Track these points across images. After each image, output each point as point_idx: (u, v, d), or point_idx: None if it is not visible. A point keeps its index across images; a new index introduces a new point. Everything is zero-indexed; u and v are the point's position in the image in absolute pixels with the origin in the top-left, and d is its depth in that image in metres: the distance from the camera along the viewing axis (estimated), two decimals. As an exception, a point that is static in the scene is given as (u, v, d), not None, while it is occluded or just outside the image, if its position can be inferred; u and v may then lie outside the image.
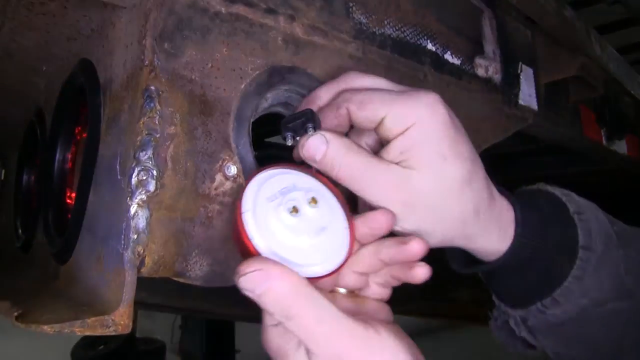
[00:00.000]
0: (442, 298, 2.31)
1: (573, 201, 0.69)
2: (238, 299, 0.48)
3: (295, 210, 0.51)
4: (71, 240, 0.65)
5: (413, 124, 0.55)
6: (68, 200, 0.79)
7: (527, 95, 1.18)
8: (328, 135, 0.55)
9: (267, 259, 0.48)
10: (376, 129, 0.57)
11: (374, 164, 0.55)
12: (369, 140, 0.62)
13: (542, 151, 1.91)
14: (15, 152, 1.18)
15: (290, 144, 0.56)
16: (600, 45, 1.32)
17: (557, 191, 0.70)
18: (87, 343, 3.27)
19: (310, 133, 0.55)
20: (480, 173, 0.60)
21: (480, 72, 1.01)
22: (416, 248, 0.54)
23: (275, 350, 0.51)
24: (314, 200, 0.52)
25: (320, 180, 0.55)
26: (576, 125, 1.43)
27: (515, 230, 0.64)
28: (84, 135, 0.81)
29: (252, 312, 0.51)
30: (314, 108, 0.59)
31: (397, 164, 0.55)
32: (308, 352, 0.48)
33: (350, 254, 0.53)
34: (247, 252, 0.50)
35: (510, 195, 0.67)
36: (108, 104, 0.62)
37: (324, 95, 0.60)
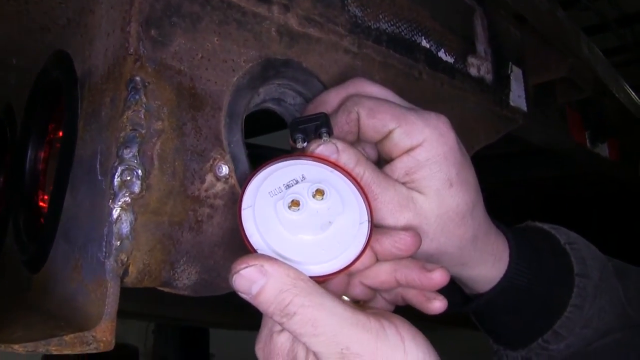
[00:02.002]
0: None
1: (562, 232, 0.69)
2: (215, 306, 0.44)
3: (295, 204, 0.46)
4: (45, 247, 0.59)
5: (420, 143, 0.52)
6: (41, 203, 0.73)
7: (517, 96, 1.15)
8: (340, 144, 0.51)
9: (262, 255, 0.44)
10: (380, 142, 0.54)
11: (382, 180, 0.52)
12: (367, 152, 0.59)
13: (524, 153, 1.91)
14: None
15: (299, 147, 0.51)
16: (588, 46, 1.31)
17: (546, 225, 0.70)
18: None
19: (323, 139, 0.50)
20: (481, 201, 0.58)
21: (473, 71, 0.98)
22: (439, 279, 0.51)
23: (283, 357, 0.46)
24: (319, 193, 0.47)
25: (339, 171, 0.50)
26: (563, 127, 1.42)
27: (510, 257, 0.63)
28: (59, 133, 0.76)
29: (230, 319, 0.46)
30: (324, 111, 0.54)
31: (402, 183, 0.53)
32: (315, 354, 0.44)
33: (362, 254, 0.48)
34: (247, 252, 0.45)
35: (501, 225, 0.66)
36: (87, 98, 0.57)
37: (332, 99, 0.56)
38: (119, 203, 0.45)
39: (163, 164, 0.48)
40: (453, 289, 0.70)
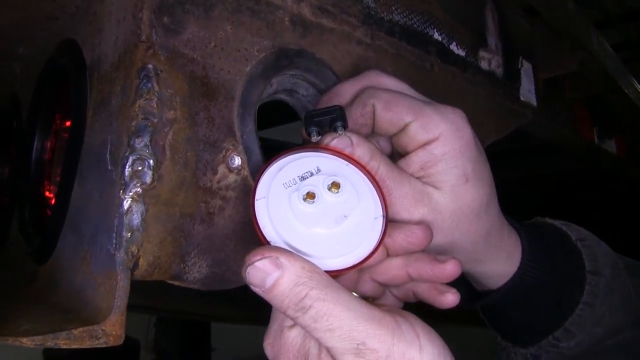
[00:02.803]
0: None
1: (573, 229, 0.68)
2: (217, 299, 0.43)
3: (310, 196, 0.45)
4: (51, 239, 0.58)
5: (436, 138, 0.51)
6: (47, 194, 0.72)
7: (527, 90, 1.14)
8: (355, 138, 0.50)
9: (277, 247, 0.43)
10: (395, 135, 0.53)
11: (396, 175, 0.51)
12: (381, 145, 0.58)
13: (530, 150, 1.89)
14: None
15: (314, 140, 0.50)
16: (598, 40, 1.29)
17: (556, 222, 0.69)
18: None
19: (339, 133, 0.49)
20: (495, 197, 0.58)
21: (484, 65, 0.97)
22: (451, 270, 0.50)
23: (294, 354, 0.45)
24: (335, 186, 0.45)
25: (354, 165, 0.49)
26: (571, 123, 1.40)
27: (522, 254, 0.62)
28: (66, 122, 0.75)
29: (231, 312, 0.45)
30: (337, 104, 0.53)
31: (417, 178, 0.52)
32: (328, 350, 0.43)
33: (377, 249, 0.46)
34: (260, 244, 0.44)
35: (513, 221, 0.65)
36: (96, 86, 0.56)
37: (347, 91, 0.55)
38: (130, 194, 0.44)
39: (175, 154, 0.47)
40: (463, 285, 0.69)
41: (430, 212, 0.52)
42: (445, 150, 0.52)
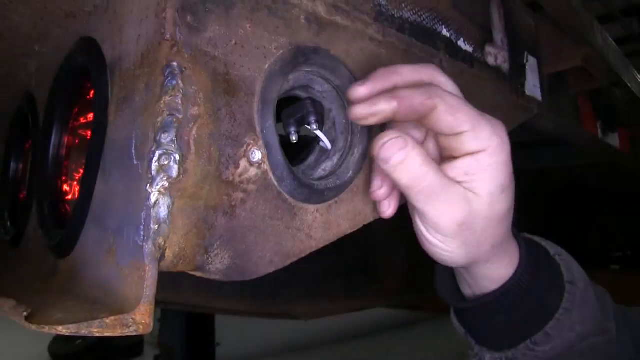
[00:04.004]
0: (427, 290, 2.30)
1: (550, 245, 0.72)
2: (222, 291, 0.45)
3: None
4: (74, 232, 0.60)
5: (485, 149, 0.55)
6: (65, 189, 0.73)
7: (532, 85, 1.15)
8: (410, 142, 0.54)
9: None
10: (445, 136, 0.57)
11: (443, 180, 0.55)
12: (416, 136, 0.62)
13: (531, 144, 1.90)
14: (-1, 139, 1.11)
15: (294, 140, 0.54)
16: (602, 35, 1.30)
17: (535, 237, 0.74)
18: (64, 337, 3.18)
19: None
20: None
21: (490, 60, 0.98)
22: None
23: None
24: None
25: None
26: (576, 117, 1.42)
27: (520, 259, 0.66)
28: (82, 119, 0.76)
29: (235, 305, 0.48)
30: (393, 81, 0.56)
31: (458, 182, 0.56)
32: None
33: None
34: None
35: (513, 227, 0.68)
36: (117, 83, 0.57)
37: (406, 74, 0.58)
38: (157, 187, 0.46)
39: (199, 148, 0.49)
40: (449, 285, 0.74)
41: (468, 217, 0.56)
42: (491, 162, 0.56)
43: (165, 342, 3.87)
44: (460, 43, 0.89)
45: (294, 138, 0.55)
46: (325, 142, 0.63)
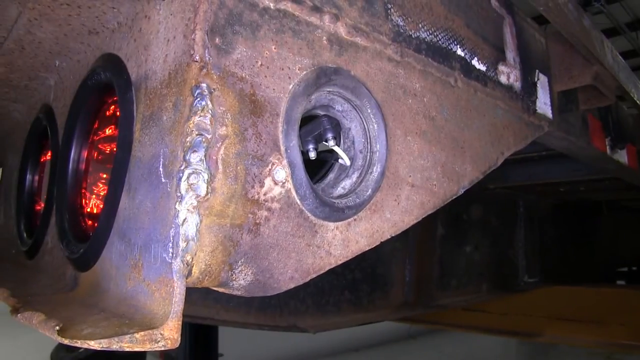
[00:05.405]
0: (430, 305, 2.30)
1: None
2: (230, 304, 0.46)
3: None
4: (98, 245, 0.61)
5: None
6: (85, 203, 0.74)
7: (543, 103, 1.16)
8: None
9: None
10: None
11: None
12: None
13: (538, 159, 1.91)
14: (12, 150, 1.13)
15: (312, 157, 0.56)
16: (612, 53, 1.32)
17: None
18: (67, 346, 3.18)
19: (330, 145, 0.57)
20: None
21: (503, 79, 0.99)
22: None
23: None
24: None
25: None
26: (585, 134, 1.42)
27: None
28: (101, 133, 0.77)
29: (243, 318, 0.48)
30: None
31: None
32: None
33: None
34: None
35: None
36: (143, 101, 0.58)
37: None
38: (186, 205, 0.47)
39: (227, 168, 0.49)
40: None
41: None
42: None
43: (168, 352, 3.86)
44: (475, 62, 0.90)
45: (312, 155, 0.56)
46: (344, 157, 0.64)
